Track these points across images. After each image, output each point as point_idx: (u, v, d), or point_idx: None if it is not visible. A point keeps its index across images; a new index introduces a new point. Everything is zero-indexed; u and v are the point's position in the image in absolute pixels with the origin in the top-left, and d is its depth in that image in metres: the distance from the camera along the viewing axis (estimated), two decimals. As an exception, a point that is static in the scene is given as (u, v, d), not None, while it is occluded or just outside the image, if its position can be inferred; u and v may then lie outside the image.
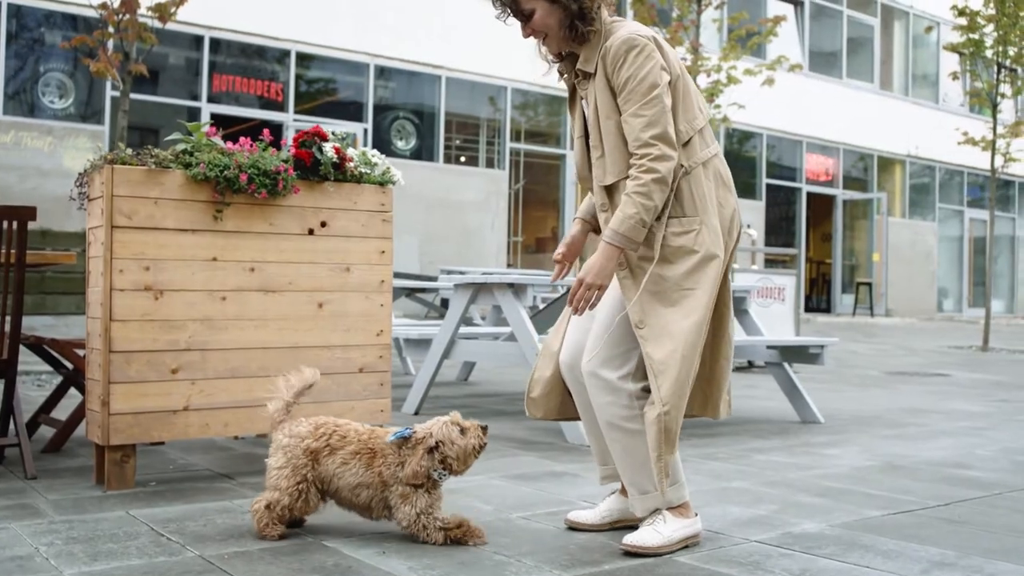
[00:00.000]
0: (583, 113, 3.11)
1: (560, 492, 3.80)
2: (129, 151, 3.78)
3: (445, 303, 10.35)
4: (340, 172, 4.15)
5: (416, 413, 6.06)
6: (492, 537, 3.06)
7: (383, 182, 4.28)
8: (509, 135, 17.87)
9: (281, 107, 14.78)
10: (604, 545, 3.00)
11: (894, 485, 4.03)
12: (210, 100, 14.06)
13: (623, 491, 3.20)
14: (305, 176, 4.05)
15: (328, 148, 4.08)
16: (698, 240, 2.94)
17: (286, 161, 3.98)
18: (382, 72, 15.88)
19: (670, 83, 2.95)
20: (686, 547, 2.97)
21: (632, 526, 3.17)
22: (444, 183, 16.68)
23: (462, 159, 17.49)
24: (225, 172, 3.80)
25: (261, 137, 4.03)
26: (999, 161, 16.30)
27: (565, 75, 3.17)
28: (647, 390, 2.96)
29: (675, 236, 2.94)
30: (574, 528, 3.18)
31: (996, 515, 3.50)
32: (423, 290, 8.92)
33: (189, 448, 4.58)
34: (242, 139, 3.98)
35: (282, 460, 3.01)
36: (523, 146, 18.19)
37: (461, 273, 9.00)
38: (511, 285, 5.48)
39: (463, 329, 6.31)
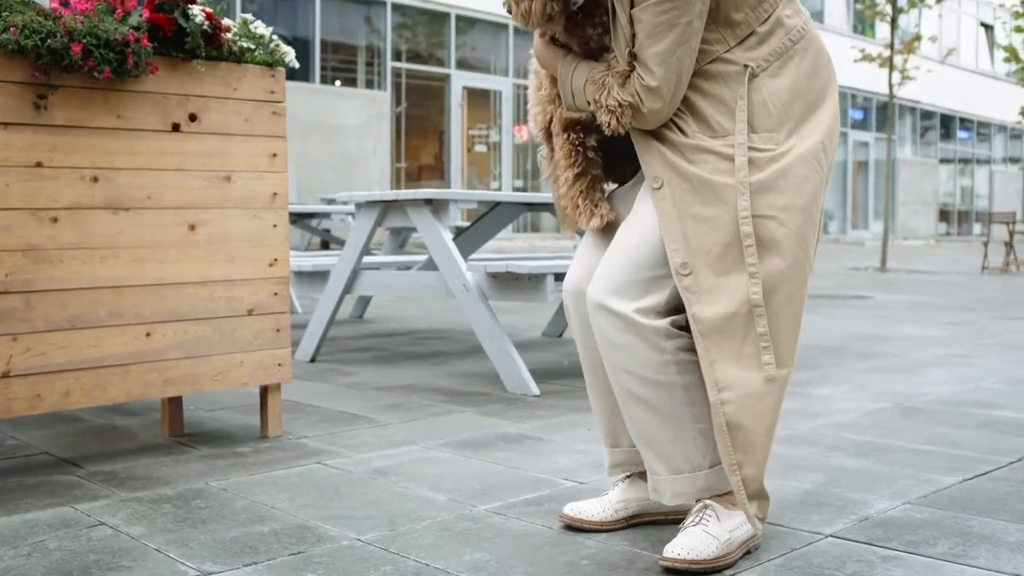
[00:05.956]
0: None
1: (527, 465, 2.87)
2: (-96, 11, 2.64)
3: (328, 232, 9.26)
4: (213, 47, 3.06)
5: (312, 360, 5.05)
6: (465, 551, 2.11)
7: (271, 62, 3.21)
8: (390, 54, 16.62)
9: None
10: (630, 556, 2.09)
11: (933, 435, 3.24)
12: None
13: (640, 473, 2.29)
14: (165, 51, 2.96)
15: (197, 12, 2.99)
16: (783, 159, 2.01)
17: (137, 29, 2.87)
18: (248, -17, 14.42)
19: None
20: (747, 552, 2.08)
21: (658, 522, 2.27)
22: (321, 106, 15.39)
23: (337, 83, 16.19)
24: (49, 41, 2.68)
25: (100, -5, 2.91)
26: (896, 78, 15.90)
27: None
28: (679, 327, 2.03)
29: (759, 154, 2.00)
30: (575, 527, 2.26)
31: (1095, 475, 2.73)
32: (310, 216, 7.81)
33: (21, 423, 3.48)
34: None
35: None
36: (405, 65, 16.96)
37: (344, 204, 7.88)
38: (428, 201, 4.48)
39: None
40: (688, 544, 1.98)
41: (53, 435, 3.28)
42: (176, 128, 2.98)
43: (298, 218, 7.67)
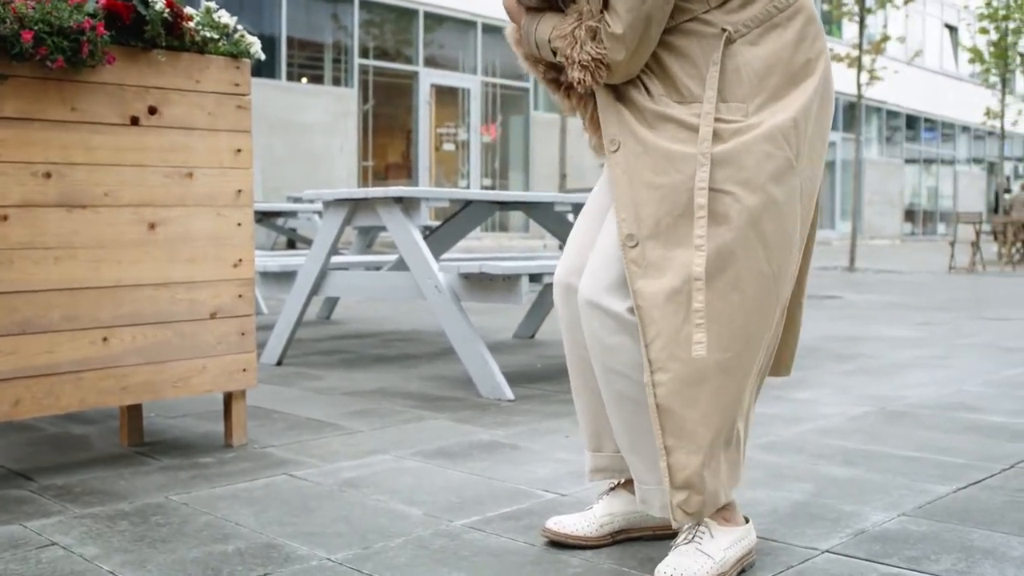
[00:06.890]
0: None
1: (504, 476, 2.75)
2: None
3: (294, 231, 9.09)
4: (175, 37, 2.91)
5: (279, 363, 4.90)
6: (442, 571, 1.99)
7: (237, 53, 3.07)
8: (357, 51, 16.44)
9: (97, 15, 12.95)
10: (617, 576, 1.97)
11: (920, 441, 3.15)
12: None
13: (626, 485, 2.18)
14: (123, 40, 2.81)
15: (157, 0, 2.84)
16: (749, 134, 1.88)
17: (93, 16, 2.72)
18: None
19: None
20: (742, 571, 1.97)
21: (644, 537, 2.16)
22: (287, 103, 15.18)
23: (304, 80, 15.99)
24: (-2, 28, 2.53)
25: (53, -20, 2.75)
26: (864, 78, 15.92)
27: None
28: None
29: (724, 125, 1.88)
30: (558, 543, 2.14)
31: (1091, 483, 2.65)
32: (276, 214, 7.65)
33: (-27, 429, 3.32)
34: (25, -14, 2.71)
35: None
36: (372, 62, 16.78)
37: (310, 202, 7.67)
38: (399, 200, 4.35)
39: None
40: (680, 563, 1.87)
41: (5, 445, 3.12)
42: (135, 122, 2.83)
43: (264, 217, 7.50)
